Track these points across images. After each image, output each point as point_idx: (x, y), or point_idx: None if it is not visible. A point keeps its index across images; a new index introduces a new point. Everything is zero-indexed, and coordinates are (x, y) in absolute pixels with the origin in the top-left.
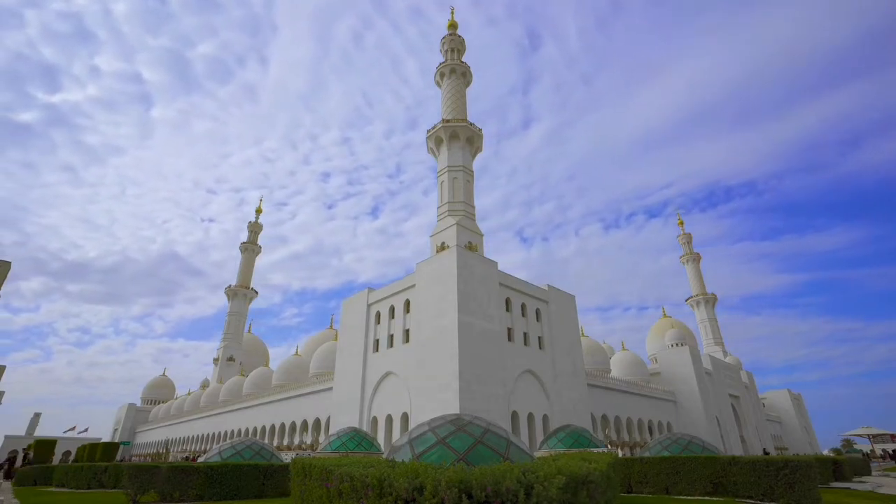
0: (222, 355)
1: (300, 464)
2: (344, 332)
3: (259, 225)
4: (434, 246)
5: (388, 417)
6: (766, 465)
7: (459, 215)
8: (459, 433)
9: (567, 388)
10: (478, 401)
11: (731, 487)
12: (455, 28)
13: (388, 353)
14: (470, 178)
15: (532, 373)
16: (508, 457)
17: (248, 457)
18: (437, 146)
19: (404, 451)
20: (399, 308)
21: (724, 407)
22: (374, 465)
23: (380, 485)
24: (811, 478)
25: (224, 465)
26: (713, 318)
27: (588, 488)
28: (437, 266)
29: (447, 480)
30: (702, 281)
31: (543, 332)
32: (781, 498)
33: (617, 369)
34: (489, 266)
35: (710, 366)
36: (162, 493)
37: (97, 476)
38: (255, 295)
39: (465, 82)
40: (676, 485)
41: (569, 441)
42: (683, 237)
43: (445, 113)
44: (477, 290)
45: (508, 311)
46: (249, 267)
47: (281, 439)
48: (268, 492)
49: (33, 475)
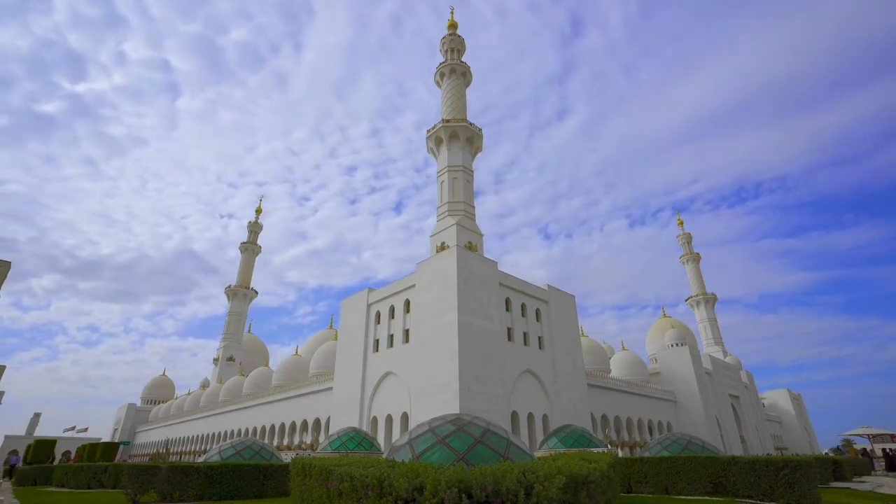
0: (222, 355)
1: (300, 464)
2: (344, 332)
3: (259, 225)
4: (434, 246)
5: (388, 417)
6: (766, 465)
7: (459, 215)
8: (459, 433)
9: (567, 388)
10: (478, 401)
11: (730, 487)
12: (455, 28)
13: (388, 353)
14: (470, 178)
15: (532, 373)
16: (508, 457)
17: (248, 457)
18: (436, 146)
19: (404, 451)
20: (399, 308)
21: (724, 407)
22: (374, 465)
23: (380, 485)
24: (811, 478)
25: (224, 465)
26: (713, 318)
27: (588, 488)
28: (437, 266)
29: (447, 480)
30: (702, 281)
31: (543, 332)
32: (781, 498)
33: (617, 369)
34: (489, 266)
35: (709, 366)
36: (162, 493)
37: (97, 476)
38: (254, 295)
39: (465, 82)
40: (676, 485)
41: (569, 441)
42: (683, 237)
43: (445, 113)
44: (477, 290)
45: (508, 311)
46: (249, 267)
47: (281, 439)
48: (268, 492)
49: (33, 475)
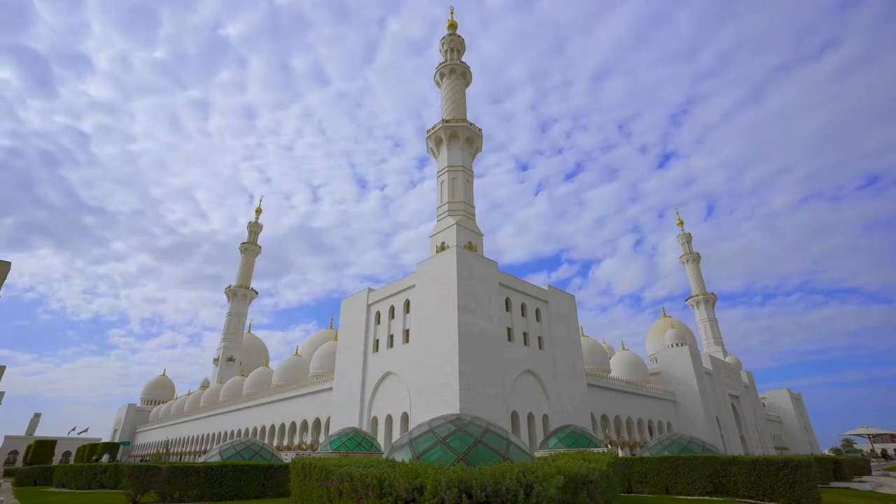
0: (222, 355)
1: (300, 464)
2: (344, 333)
3: (259, 225)
4: (434, 246)
5: (388, 418)
6: (766, 464)
7: (459, 215)
8: (459, 433)
9: (567, 388)
10: (478, 401)
11: (731, 487)
12: (455, 28)
13: (388, 353)
14: (470, 179)
15: (532, 373)
16: (508, 457)
17: (249, 457)
18: (436, 146)
19: (404, 451)
20: (399, 308)
21: (724, 407)
22: (375, 465)
23: (380, 485)
24: (811, 478)
25: (224, 466)
26: (713, 318)
27: (588, 488)
28: (437, 266)
29: (447, 480)
30: (702, 281)
31: (543, 332)
32: (781, 498)
33: (617, 369)
34: (489, 266)
35: (709, 366)
36: (162, 493)
37: (97, 476)
38: (254, 295)
39: (465, 82)
40: (676, 484)
41: (569, 441)
42: (683, 237)
43: (445, 113)
44: (477, 290)
45: (508, 311)
46: (249, 267)
47: (281, 439)
48: (268, 492)
49: (33, 475)
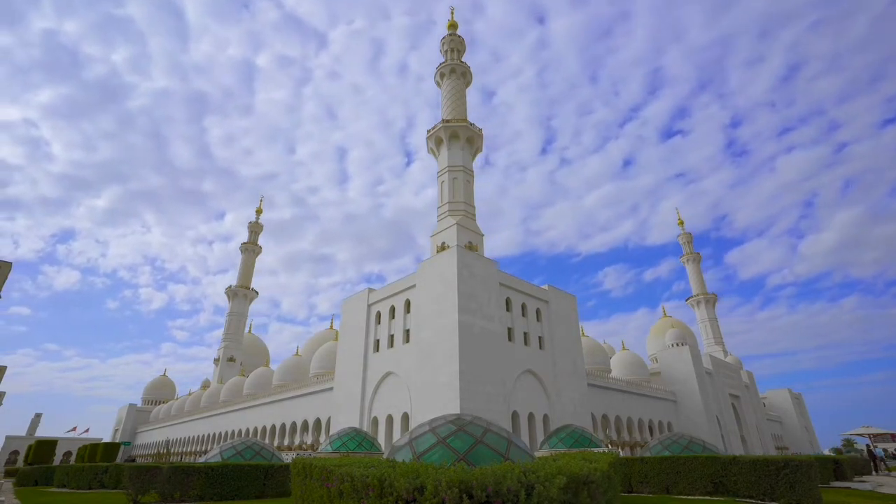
0: (222, 356)
1: (301, 464)
2: (344, 333)
3: (259, 225)
4: (434, 246)
5: (388, 417)
6: (766, 464)
7: (459, 215)
8: (460, 433)
9: (567, 388)
10: (478, 401)
11: (731, 487)
12: (455, 28)
13: (389, 353)
14: (470, 178)
15: (532, 373)
16: (509, 457)
17: (249, 457)
18: (437, 146)
19: (405, 451)
20: (399, 308)
21: (725, 407)
22: (375, 465)
23: (380, 485)
24: (812, 477)
25: (225, 466)
26: (713, 318)
27: (589, 488)
28: (438, 266)
29: (448, 480)
30: (702, 281)
31: (543, 332)
32: (782, 498)
33: (617, 369)
34: (489, 266)
35: (710, 365)
36: (162, 493)
37: (98, 476)
38: (255, 295)
39: (465, 82)
40: (677, 484)
41: (569, 441)
42: (683, 237)
43: (445, 113)
44: (477, 290)
45: (508, 311)
46: (249, 267)
47: (281, 439)
48: (268, 492)
49: (34, 475)
